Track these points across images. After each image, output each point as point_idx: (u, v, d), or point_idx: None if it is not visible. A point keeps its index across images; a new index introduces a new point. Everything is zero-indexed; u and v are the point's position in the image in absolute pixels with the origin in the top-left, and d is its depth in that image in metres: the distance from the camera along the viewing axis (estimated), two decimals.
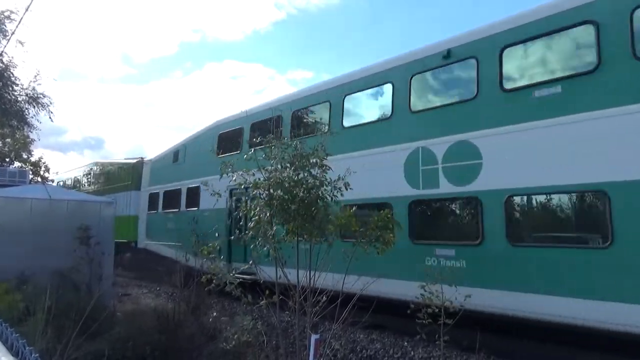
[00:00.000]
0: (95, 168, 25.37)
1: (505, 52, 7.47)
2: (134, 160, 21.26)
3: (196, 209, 14.09)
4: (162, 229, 16.83)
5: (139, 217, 19.05)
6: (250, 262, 6.25)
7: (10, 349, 2.26)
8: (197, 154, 14.78)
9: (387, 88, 9.29)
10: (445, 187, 7.96)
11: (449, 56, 8.19)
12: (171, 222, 16.20)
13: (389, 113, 9.15)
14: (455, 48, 8.18)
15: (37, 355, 2.15)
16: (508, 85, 7.44)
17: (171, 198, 16.34)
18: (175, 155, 16.93)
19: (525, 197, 7.22)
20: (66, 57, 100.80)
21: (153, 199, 17.92)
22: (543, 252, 6.80)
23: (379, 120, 9.54)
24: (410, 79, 8.77)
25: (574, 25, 6.81)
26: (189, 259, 10.81)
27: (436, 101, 8.66)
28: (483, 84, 7.66)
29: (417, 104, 8.75)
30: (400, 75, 9.01)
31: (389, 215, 5.93)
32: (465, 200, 7.89)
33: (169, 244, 15.57)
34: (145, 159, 20.44)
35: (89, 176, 25.83)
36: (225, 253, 11.25)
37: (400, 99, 8.90)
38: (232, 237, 9.94)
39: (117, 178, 22.07)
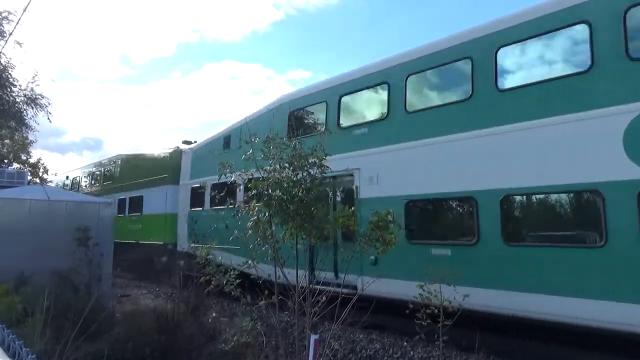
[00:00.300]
0: (118, 162, 22.02)
1: None
2: (169, 150, 18.25)
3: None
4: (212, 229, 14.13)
5: (179, 216, 15.79)
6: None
7: (7, 350, 2.25)
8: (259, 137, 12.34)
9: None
10: None
11: None
12: (225, 221, 13.43)
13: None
14: None
15: (34, 356, 2.14)
16: None
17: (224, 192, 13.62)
18: (227, 140, 13.94)
19: None
20: (65, 58, 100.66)
21: (197, 193, 14.69)
22: None
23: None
24: None
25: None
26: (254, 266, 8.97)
27: None
28: None
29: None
30: None
31: (388, 215, 5.89)
32: None
33: (224, 248, 13.15)
34: (184, 148, 17.05)
35: (109, 171, 22.71)
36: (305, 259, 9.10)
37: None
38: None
39: (148, 171, 18.85)
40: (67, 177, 27.81)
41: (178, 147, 17.89)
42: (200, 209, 14.46)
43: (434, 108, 8.55)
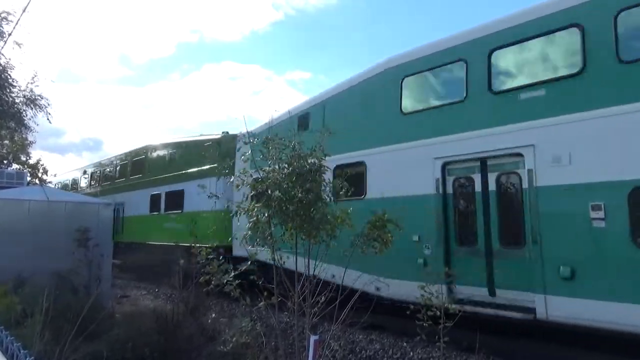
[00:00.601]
0: (150, 152, 19.33)
1: None
2: (217, 136, 15.74)
3: (359, 197, 8.74)
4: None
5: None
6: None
7: (6, 352, 2.24)
8: (352, 114, 9.90)
9: None
10: None
11: None
12: None
13: None
14: None
15: (32, 358, 2.13)
16: None
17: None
18: (304, 120, 11.27)
19: None
20: (64, 59, 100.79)
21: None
22: None
23: None
24: None
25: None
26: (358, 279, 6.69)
27: None
28: None
29: None
30: None
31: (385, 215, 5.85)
32: None
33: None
34: (238, 133, 13.82)
35: (138, 163, 19.91)
36: (437, 267, 7.12)
37: None
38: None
39: (189, 161, 16.28)
40: (85, 172, 24.59)
41: (227, 131, 15.71)
42: None
43: None
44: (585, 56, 6.58)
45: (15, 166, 34.64)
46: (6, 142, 31.18)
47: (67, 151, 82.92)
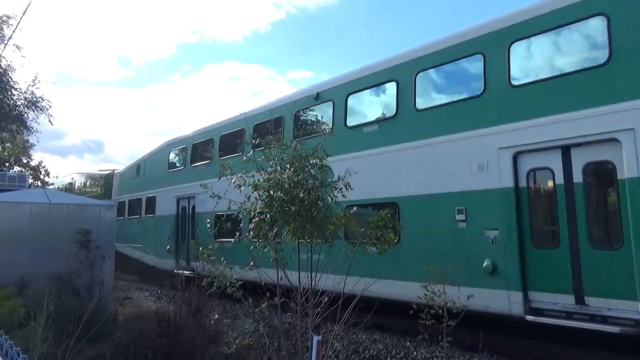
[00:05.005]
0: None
1: None
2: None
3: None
4: None
5: None
6: None
7: (5, 356, 2.23)
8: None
9: None
10: None
11: None
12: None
13: None
14: None
15: None
16: None
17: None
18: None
19: None
20: (62, 60, 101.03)
21: None
22: None
23: None
24: None
25: None
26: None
27: None
28: None
29: None
30: None
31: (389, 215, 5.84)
32: None
33: None
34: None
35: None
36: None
37: None
38: None
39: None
40: (139, 168, 20.40)
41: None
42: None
43: None
44: None
45: (16, 168, 34.69)
46: (7, 144, 31.24)
47: (68, 153, 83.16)
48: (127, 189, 20.78)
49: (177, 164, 16.36)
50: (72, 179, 27.34)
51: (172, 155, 17.01)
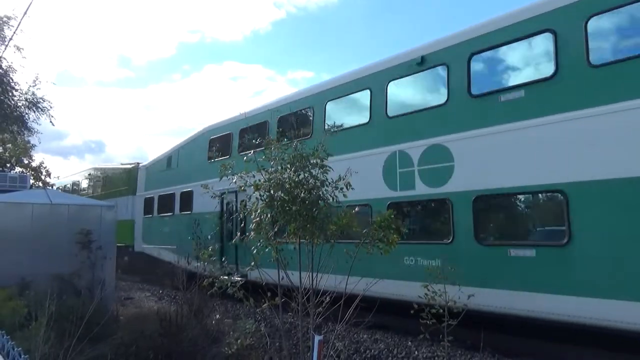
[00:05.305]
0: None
1: None
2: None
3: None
4: None
5: None
6: None
7: (7, 357, 2.23)
8: None
9: None
10: None
11: None
12: None
13: None
14: None
15: None
16: None
17: None
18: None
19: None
20: (63, 60, 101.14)
21: None
22: None
23: None
24: None
25: None
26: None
27: None
28: None
29: None
30: None
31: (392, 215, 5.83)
32: None
33: None
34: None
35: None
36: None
37: None
38: None
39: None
40: (170, 159, 17.99)
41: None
42: None
43: None
44: None
45: (18, 169, 34.74)
46: (9, 145, 31.28)
47: (69, 154, 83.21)
48: (155, 183, 18.20)
49: (221, 153, 13.24)
50: (89, 174, 25.12)
51: (213, 143, 14.41)
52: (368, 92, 9.55)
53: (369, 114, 9.42)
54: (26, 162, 37.31)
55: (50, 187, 30.16)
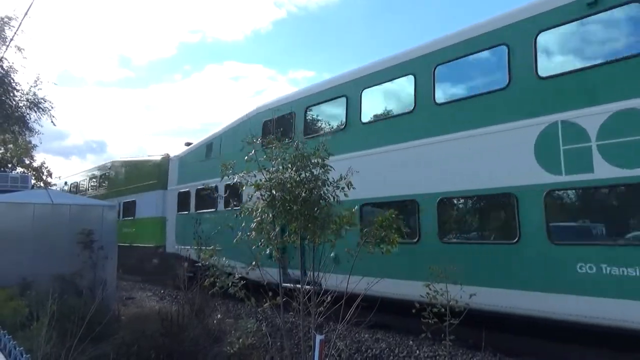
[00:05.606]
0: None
1: None
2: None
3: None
4: None
5: None
6: None
7: (9, 356, 2.24)
8: None
9: None
10: None
11: None
12: None
13: None
14: None
15: None
16: None
17: None
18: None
19: None
20: (63, 61, 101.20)
21: None
22: None
23: None
24: None
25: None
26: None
27: None
28: None
29: None
30: None
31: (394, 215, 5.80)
32: None
33: None
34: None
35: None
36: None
37: None
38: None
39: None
40: (210, 147, 15.62)
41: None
42: None
43: None
44: None
45: (19, 170, 34.77)
46: (10, 146, 31.30)
47: (70, 154, 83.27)
48: (191, 175, 15.53)
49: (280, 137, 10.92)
50: (109, 167, 22.77)
51: (268, 126, 12.01)
52: (505, 48, 7.45)
53: (507, 76, 7.29)
54: (27, 162, 37.33)
55: (52, 187, 30.12)
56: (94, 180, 24.58)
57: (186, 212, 15.40)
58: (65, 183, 29.17)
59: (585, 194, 6.59)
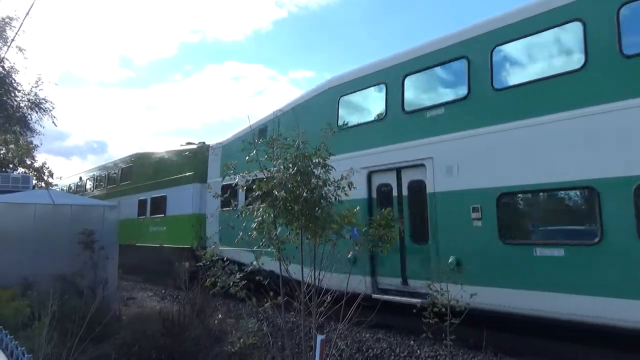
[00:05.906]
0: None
1: None
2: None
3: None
4: None
5: None
6: None
7: (10, 356, 2.24)
8: None
9: None
10: None
11: None
12: None
13: None
14: None
15: None
16: None
17: None
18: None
19: None
20: (64, 61, 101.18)
21: None
22: None
23: None
24: None
25: None
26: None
27: None
28: None
29: None
30: None
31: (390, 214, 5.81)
32: None
33: None
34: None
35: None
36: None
37: None
38: None
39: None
40: (264, 132, 13.15)
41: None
42: None
43: None
44: None
45: (20, 170, 34.81)
46: (11, 146, 31.33)
47: (71, 154, 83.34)
48: (239, 166, 10.90)
49: (369, 115, 9.51)
50: (132, 159, 20.38)
51: (347, 103, 10.17)
52: None
53: None
54: (29, 162, 37.40)
55: (54, 187, 30.11)
56: (114, 172, 22.47)
57: (230, 209, 11.84)
58: (80, 179, 27.16)
59: None
